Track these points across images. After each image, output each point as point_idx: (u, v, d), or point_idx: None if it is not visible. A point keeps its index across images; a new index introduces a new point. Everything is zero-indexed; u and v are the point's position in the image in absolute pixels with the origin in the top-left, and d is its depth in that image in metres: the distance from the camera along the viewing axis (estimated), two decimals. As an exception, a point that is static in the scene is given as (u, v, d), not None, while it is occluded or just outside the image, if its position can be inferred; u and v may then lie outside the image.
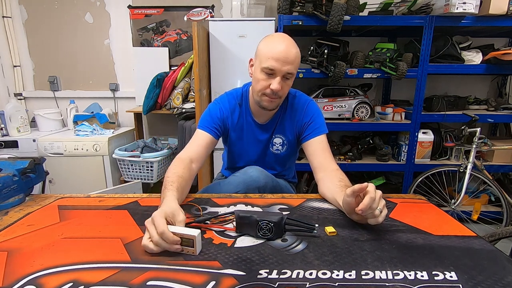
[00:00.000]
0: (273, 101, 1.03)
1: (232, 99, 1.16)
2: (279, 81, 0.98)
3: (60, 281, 0.56)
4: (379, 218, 0.71)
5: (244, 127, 1.16)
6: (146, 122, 2.75)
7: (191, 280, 0.57)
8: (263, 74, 1.00)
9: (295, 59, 0.99)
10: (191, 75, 2.38)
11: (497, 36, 2.44)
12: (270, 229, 0.70)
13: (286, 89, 1.04)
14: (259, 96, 1.04)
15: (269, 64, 0.97)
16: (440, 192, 2.12)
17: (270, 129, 1.16)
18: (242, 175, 1.05)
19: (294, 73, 1.01)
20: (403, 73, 2.05)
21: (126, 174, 2.25)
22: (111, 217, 0.83)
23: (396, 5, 2.24)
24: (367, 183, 0.72)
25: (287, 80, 1.01)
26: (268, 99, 1.03)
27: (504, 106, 2.35)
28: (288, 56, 0.97)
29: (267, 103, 1.04)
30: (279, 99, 1.04)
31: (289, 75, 1.00)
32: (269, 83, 0.99)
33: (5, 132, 2.29)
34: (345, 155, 2.32)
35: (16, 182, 0.92)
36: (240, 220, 0.73)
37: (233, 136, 1.18)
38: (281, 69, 0.97)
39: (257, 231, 0.71)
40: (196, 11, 2.54)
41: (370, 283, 0.56)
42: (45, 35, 2.60)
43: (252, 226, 0.71)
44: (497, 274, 0.59)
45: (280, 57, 0.96)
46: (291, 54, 0.97)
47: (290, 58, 0.97)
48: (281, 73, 0.98)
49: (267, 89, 1.00)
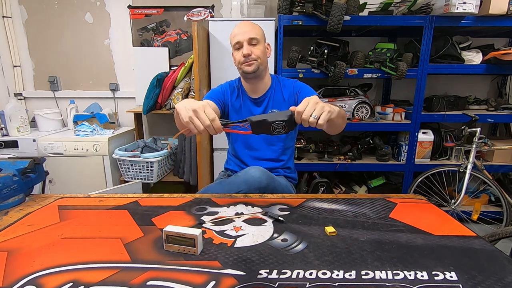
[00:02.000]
0: (251, 63, 1.19)
1: (232, 83, 1.36)
2: (246, 47, 1.18)
3: (60, 281, 0.56)
4: (319, 122, 0.79)
5: (242, 106, 1.30)
6: (146, 122, 2.75)
7: (191, 280, 0.57)
8: (236, 51, 1.22)
9: (252, 27, 1.20)
10: (191, 75, 2.37)
11: (497, 36, 2.44)
12: (283, 126, 0.78)
13: (258, 52, 1.19)
14: (241, 67, 1.21)
15: (234, 40, 1.20)
16: (440, 192, 2.12)
17: (264, 102, 1.29)
18: (244, 175, 1.07)
19: (258, 38, 1.19)
20: (403, 73, 2.05)
21: (126, 174, 2.25)
22: (111, 217, 0.83)
23: (396, 5, 2.23)
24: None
25: (255, 45, 1.19)
26: (246, 65, 1.19)
27: (504, 106, 2.34)
28: (245, 27, 1.20)
29: (247, 67, 1.19)
30: (256, 61, 1.19)
31: (254, 40, 1.18)
32: (241, 52, 1.19)
33: (5, 132, 2.29)
34: (345, 155, 2.32)
35: (16, 182, 0.92)
36: (255, 125, 0.80)
37: (234, 117, 1.30)
38: (244, 38, 1.18)
39: (272, 131, 0.79)
40: (196, 11, 2.54)
41: (370, 283, 0.56)
42: (45, 35, 2.60)
43: (267, 128, 0.79)
44: (497, 274, 0.59)
45: (239, 31, 1.19)
46: (247, 25, 1.21)
47: (248, 27, 1.20)
48: (245, 40, 1.17)
49: (241, 58, 1.19)
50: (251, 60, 1.18)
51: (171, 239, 0.66)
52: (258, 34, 1.20)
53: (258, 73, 1.21)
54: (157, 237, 0.73)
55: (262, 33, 1.23)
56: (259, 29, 1.23)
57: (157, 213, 0.86)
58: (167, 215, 0.85)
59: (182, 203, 0.92)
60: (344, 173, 2.52)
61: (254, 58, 1.18)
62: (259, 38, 1.20)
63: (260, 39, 1.21)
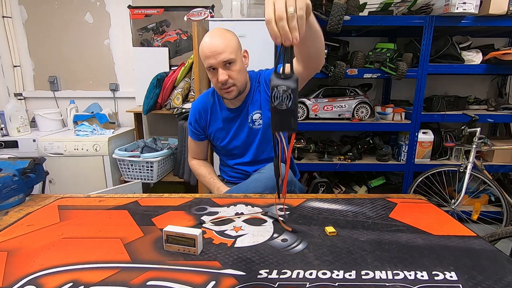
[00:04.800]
0: (230, 89, 1.09)
1: (203, 98, 1.27)
2: (222, 72, 1.05)
3: (60, 281, 0.56)
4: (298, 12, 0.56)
5: (221, 117, 1.23)
6: (146, 122, 2.75)
7: (191, 280, 0.57)
8: (210, 73, 1.09)
9: (224, 46, 1.03)
10: (191, 75, 2.37)
11: (497, 36, 2.44)
12: (288, 96, 0.60)
13: (236, 75, 1.07)
14: (220, 91, 1.12)
15: (207, 64, 1.06)
16: (440, 192, 2.12)
17: (244, 108, 1.20)
18: (269, 171, 1.07)
19: (233, 58, 1.05)
20: (403, 73, 2.04)
21: (126, 174, 2.25)
22: (111, 217, 0.83)
23: (396, 5, 2.23)
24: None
25: (231, 67, 1.06)
26: (224, 91, 1.09)
27: (504, 106, 2.34)
28: (215, 48, 1.03)
29: (227, 94, 1.11)
30: (235, 86, 1.09)
31: (228, 62, 1.05)
32: (217, 77, 1.06)
33: (5, 132, 2.29)
34: (345, 155, 2.32)
35: (16, 182, 0.92)
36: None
37: (215, 130, 1.25)
38: (217, 61, 1.04)
39: (272, 100, 0.61)
40: (196, 11, 2.54)
41: (370, 283, 0.56)
42: (45, 35, 2.60)
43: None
44: (497, 274, 0.59)
45: (209, 53, 1.04)
46: (217, 44, 1.03)
47: (219, 48, 1.03)
48: (219, 64, 1.04)
49: (218, 83, 1.07)
50: (229, 85, 1.07)
51: (171, 239, 0.66)
52: (232, 51, 1.04)
53: (238, 95, 1.13)
54: (157, 237, 0.73)
55: (236, 45, 1.07)
56: (232, 43, 1.06)
57: (157, 213, 0.86)
58: (167, 215, 0.85)
59: (182, 203, 0.92)
60: (344, 173, 2.51)
61: (232, 83, 1.07)
62: (234, 57, 1.05)
63: (236, 55, 1.06)
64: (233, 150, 1.27)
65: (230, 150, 1.27)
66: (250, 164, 1.26)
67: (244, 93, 1.17)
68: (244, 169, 1.28)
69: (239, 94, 1.13)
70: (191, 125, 1.29)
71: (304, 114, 2.20)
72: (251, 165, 1.26)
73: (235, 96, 1.11)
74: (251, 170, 1.26)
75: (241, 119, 1.21)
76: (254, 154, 1.24)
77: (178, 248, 0.66)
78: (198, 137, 1.30)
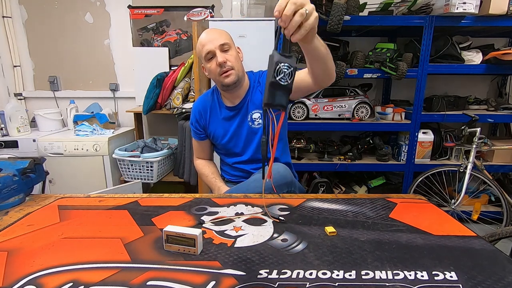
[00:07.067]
0: (229, 73, 1.12)
1: (203, 98, 1.31)
2: (220, 54, 1.11)
3: (60, 281, 0.56)
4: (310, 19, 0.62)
5: (221, 116, 1.26)
6: (146, 122, 2.75)
7: (191, 280, 0.57)
8: (209, 61, 1.14)
9: (220, 34, 1.14)
10: (191, 75, 2.37)
11: (497, 36, 2.44)
12: (290, 73, 0.64)
13: (233, 59, 1.13)
14: (219, 78, 1.14)
15: (205, 51, 1.12)
16: (440, 192, 2.12)
17: (244, 107, 1.23)
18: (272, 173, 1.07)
19: (229, 43, 1.14)
20: (403, 73, 2.04)
21: (126, 174, 2.25)
22: (111, 217, 0.83)
23: (396, 5, 2.23)
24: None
25: (227, 51, 1.13)
26: (224, 75, 1.12)
27: (504, 106, 2.34)
28: (212, 35, 1.12)
29: (226, 78, 1.13)
30: (234, 70, 1.13)
31: (225, 46, 1.12)
32: (216, 61, 1.11)
33: (5, 132, 2.29)
34: (345, 155, 2.32)
35: (16, 182, 0.92)
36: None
37: (215, 129, 1.27)
38: (215, 46, 1.11)
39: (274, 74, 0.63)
40: (196, 11, 2.54)
41: (370, 283, 0.56)
42: (45, 35, 2.60)
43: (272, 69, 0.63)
44: (497, 274, 0.59)
45: (207, 40, 1.12)
46: (214, 32, 1.14)
47: (215, 35, 1.13)
48: (217, 48, 1.11)
49: (217, 67, 1.12)
50: (228, 68, 1.12)
51: (171, 239, 0.67)
52: (227, 39, 1.14)
53: (238, 83, 1.16)
54: (157, 237, 0.73)
55: (231, 37, 1.17)
56: (227, 34, 1.16)
57: (157, 213, 0.86)
58: (167, 215, 0.85)
59: (182, 203, 0.92)
60: (344, 173, 2.51)
61: (230, 66, 1.12)
62: (229, 42, 1.14)
63: (231, 44, 1.15)
64: (232, 149, 1.28)
65: (229, 149, 1.28)
66: (249, 162, 1.27)
67: (242, 89, 1.21)
68: (243, 167, 1.28)
69: (238, 82, 1.15)
70: (192, 125, 1.32)
71: (304, 114, 2.20)
72: (250, 164, 1.27)
73: (234, 81, 1.14)
74: (250, 169, 1.26)
75: (241, 118, 1.23)
76: (253, 153, 1.25)
77: (178, 248, 0.66)
78: (200, 137, 1.32)
